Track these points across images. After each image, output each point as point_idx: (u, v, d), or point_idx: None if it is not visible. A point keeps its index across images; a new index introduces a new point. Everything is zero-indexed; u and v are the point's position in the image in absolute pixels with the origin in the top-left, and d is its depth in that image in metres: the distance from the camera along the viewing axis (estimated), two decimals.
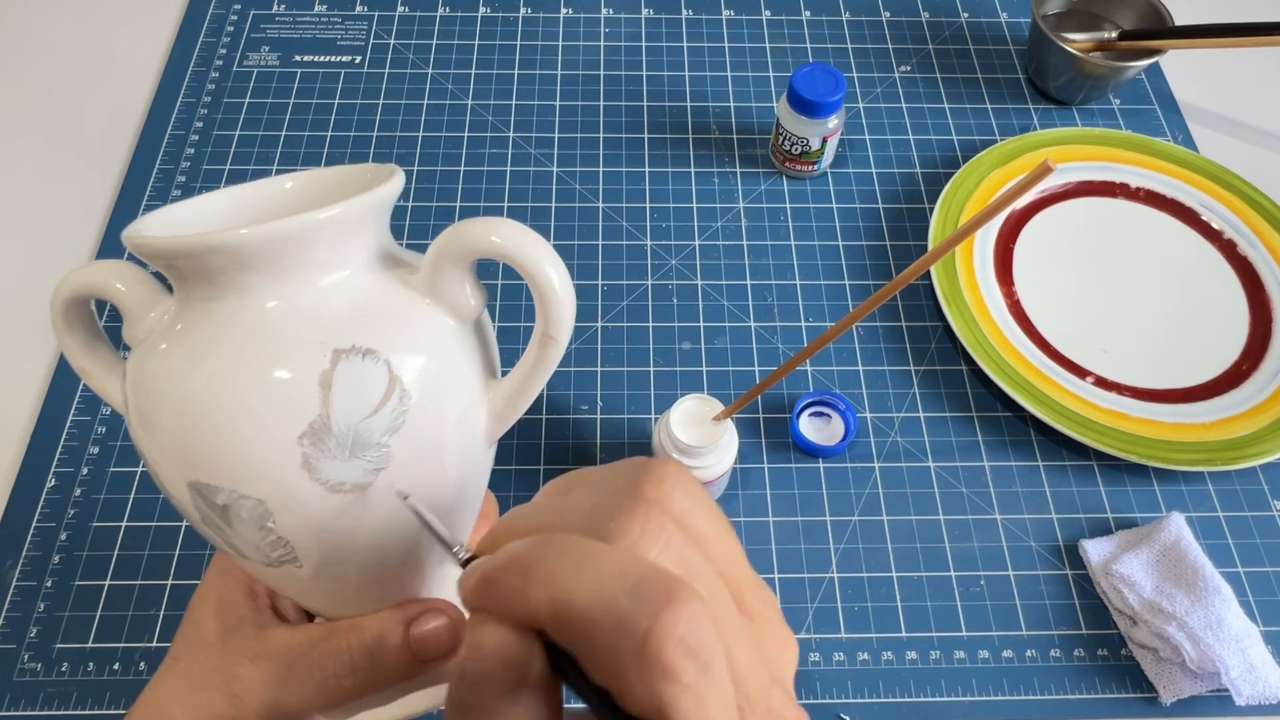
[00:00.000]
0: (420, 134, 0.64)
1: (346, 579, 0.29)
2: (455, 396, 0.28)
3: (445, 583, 0.34)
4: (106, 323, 0.54)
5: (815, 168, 0.61)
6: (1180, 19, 0.64)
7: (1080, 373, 0.53)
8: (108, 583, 0.47)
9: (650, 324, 0.56)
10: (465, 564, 0.22)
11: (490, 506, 0.35)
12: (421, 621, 0.30)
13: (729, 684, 0.19)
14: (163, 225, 0.29)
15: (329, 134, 0.63)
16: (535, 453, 0.51)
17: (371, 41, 0.69)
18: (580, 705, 0.20)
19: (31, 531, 0.48)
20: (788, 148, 0.60)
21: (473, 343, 0.29)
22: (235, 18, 0.70)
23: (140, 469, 0.50)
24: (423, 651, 0.30)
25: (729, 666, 0.19)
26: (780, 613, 0.22)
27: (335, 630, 0.30)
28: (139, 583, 0.47)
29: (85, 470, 0.50)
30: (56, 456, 0.50)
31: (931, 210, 0.59)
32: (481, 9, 0.71)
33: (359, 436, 0.26)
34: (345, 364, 0.26)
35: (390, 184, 0.27)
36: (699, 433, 0.44)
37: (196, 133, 0.63)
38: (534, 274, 0.27)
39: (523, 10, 0.71)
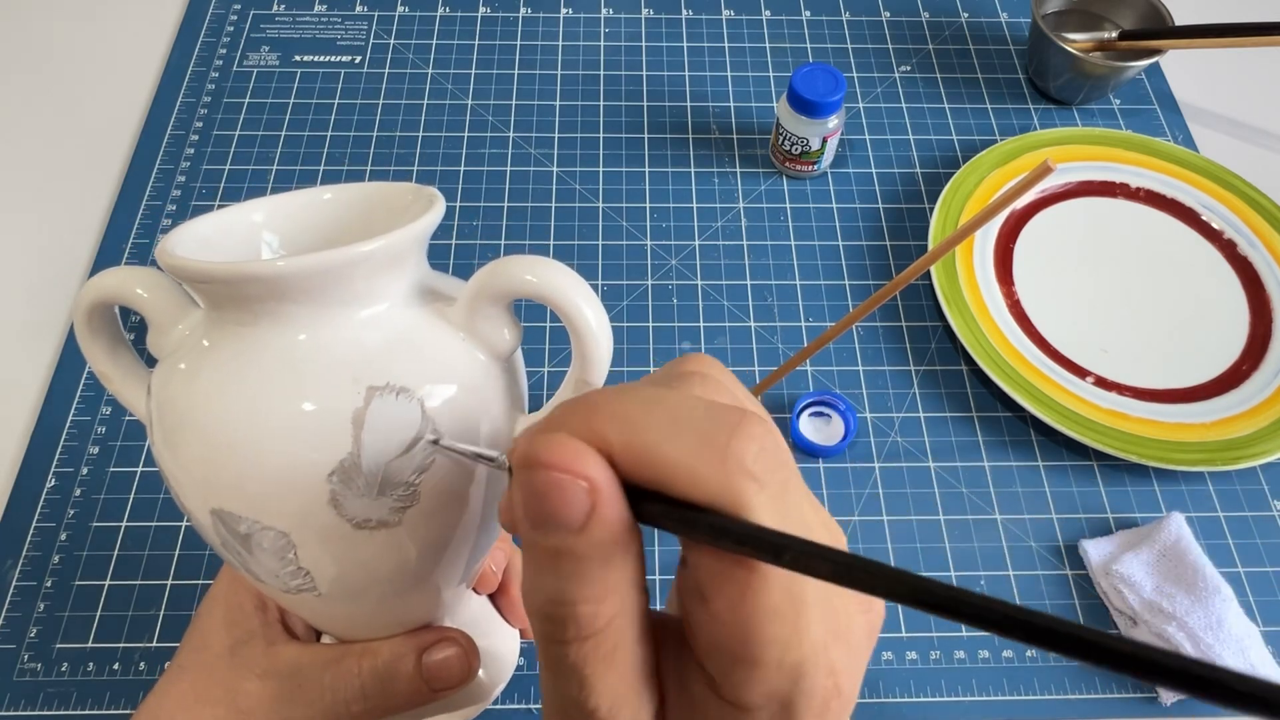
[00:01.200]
0: (420, 134, 0.64)
1: (363, 607, 0.29)
2: (484, 433, 0.27)
3: (459, 612, 0.34)
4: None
5: (815, 168, 0.61)
6: (1180, 19, 0.64)
7: (1080, 373, 0.53)
8: (108, 583, 0.47)
9: (650, 324, 0.56)
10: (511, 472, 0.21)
11: (506, 538, 0.35)
12: (435, 650, 0.30)
13: (805, 519, 0.19)
14: (196, 238, 0.28)
15: (329, 134, 0.63)
16: None
17: (371, 41, 0.69)
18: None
19: (31, 531, 0.48)
20: (788, 148, 0.60)
21: (504, 378, 0.29)
22: (235, 18, 0.70)
23: (140, 469, 0.50)
24: (434, 680, 0.30)
25: (808, 528, 0.19)
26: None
27: (347, 653, 0.30)
28: (139, 583, 0.47)
29: (85, 470, 0.50)
30: (56, 456, 0.50)
31: (931, 210, 0.59)
32: (481, 9, 0.71)
33: (388, 476, 0.25)
34: (379, 402, 0.25)
35: (431, 214, 0.26)
36: None
37: (196, 133, 0.63)
38: (572, 318, 0.27)
39: (523, 10, 0.71)
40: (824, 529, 0.20)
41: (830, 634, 0.19)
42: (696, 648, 0.20)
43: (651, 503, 0.19)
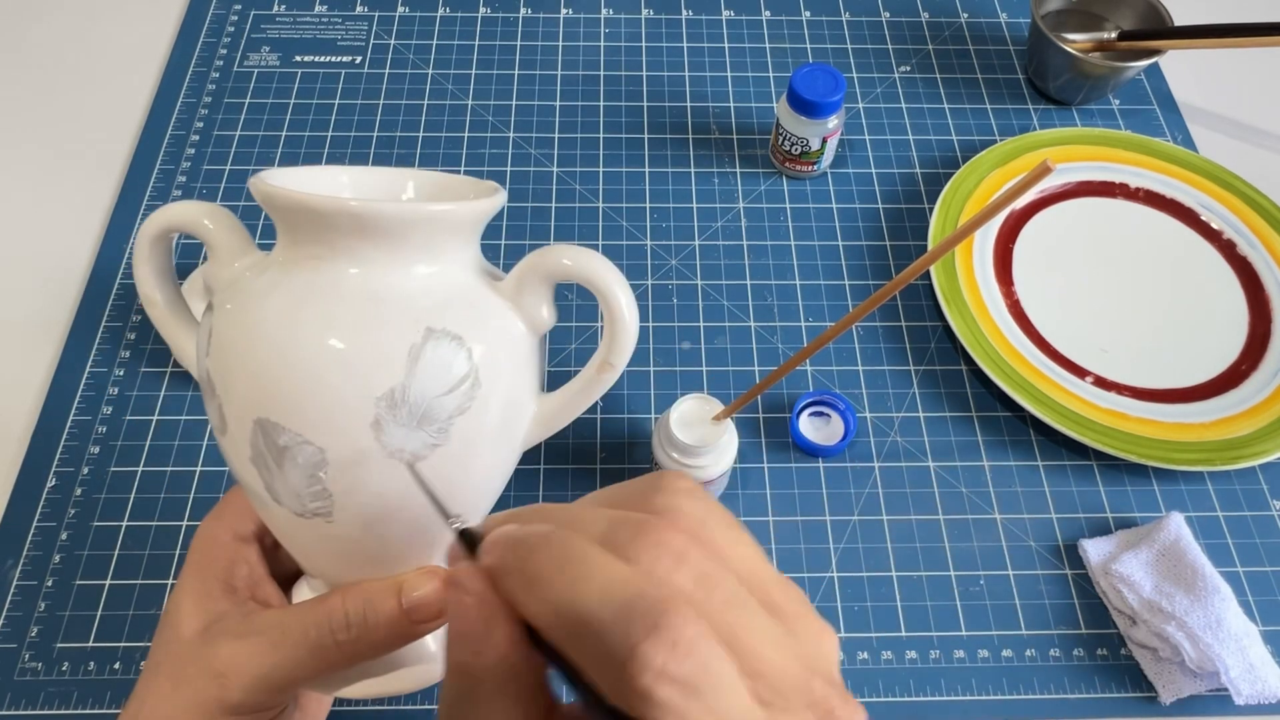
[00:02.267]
0: (420, 134, 0.64)
1: (366, 543, 0.30)
2: (513, 397, 0.31)
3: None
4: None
5: (815, 168, 0.61)
6: (1180, 19, 0.64)
7: (1080, 373, 0.53)
8: (108, 582, 0.47)
9: (650, 324, 0.56)
10: (461, 535, 0.22)
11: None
12: (416, 583, 0.31)
13: (735, 692, 0.19)
14: (284, 182, 0.31)
15: (329, 134, 0.63)
16: (535, 452, 0.51)
17: (371, 41, 0.69)
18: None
19: (32, 531, 0.48)
20: (788, 148, 0.60)
21: (535, 354, 0.32)
22: (235, 18, 0.70)
23: (141, 468, 0.50)
24: (415, 612, 0.31)
25: (758, 666, 0.19)
26: (811, 607, 0.22)
27: (328, 594, 0.31)
28: (139, 582, 0.47)
29: (85, 470, 0.50)
30: (57, 456, 0.50)
31: (931, 210, 0.59)
32: (481, 9, 0.71)
33: (429, 411, 0.28)
34: (434, 341, 0.28)
35: (496, 198, 0.31)
36: (699, 433, 0.44)
37: (196, 133, 0.63)
38: (608, 299, 0.31)
39: (523, 10, 0.71)
40: (777, 648, 0.20)
41: None
42: None
43: (550, 658, 0.20)
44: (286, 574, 0.36)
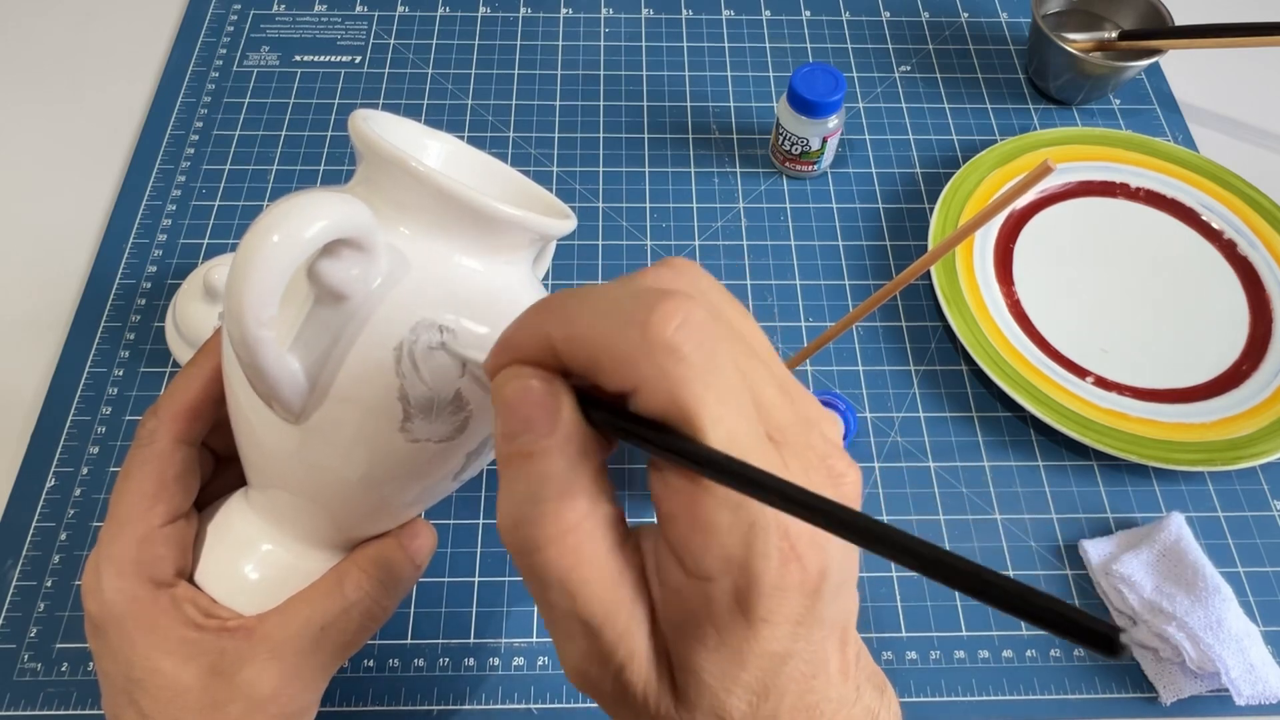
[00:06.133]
0: None
1: (410, 490, 0.31)
2: None
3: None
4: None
5: (815, 168, 0.61)
6: (1180, 19, 0.64)
7: (1080, 373, 0.53)
8: None
9: None
10: None
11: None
12: (413, 536, 0.33)
13: (744, 393, 0.19)
14: (383, 127, 0.31)
15: (329, 134, 0.63)
16: None
17: (371, 41, 0.69)
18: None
19: (31, 531, 0.48)
20: (788, 148, 0.60)
21: None
22: (235, 18, 0.70)
23: None
24: (418, 556, 0.33)
25: (757, 400, 0.20)
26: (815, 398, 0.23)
27: (344, 571, 0.32)
28: None
29: (85, 470, 0.50)
30: (56, 456, 0.50)
31: (931, 210, 0.59)
32: (481, 9, 0.71)
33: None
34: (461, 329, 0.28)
35: (568, 222, 0.31)
36: None
37: (196, 133, 0.63)
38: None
39: (523, 10, 0.71)
40: (781, 400, 0.21)
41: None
42: (662, 526, 0.20)
43: (597, 410, 0.20)
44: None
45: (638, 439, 0.19)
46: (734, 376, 0.19)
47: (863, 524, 0.16)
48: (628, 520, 0.22)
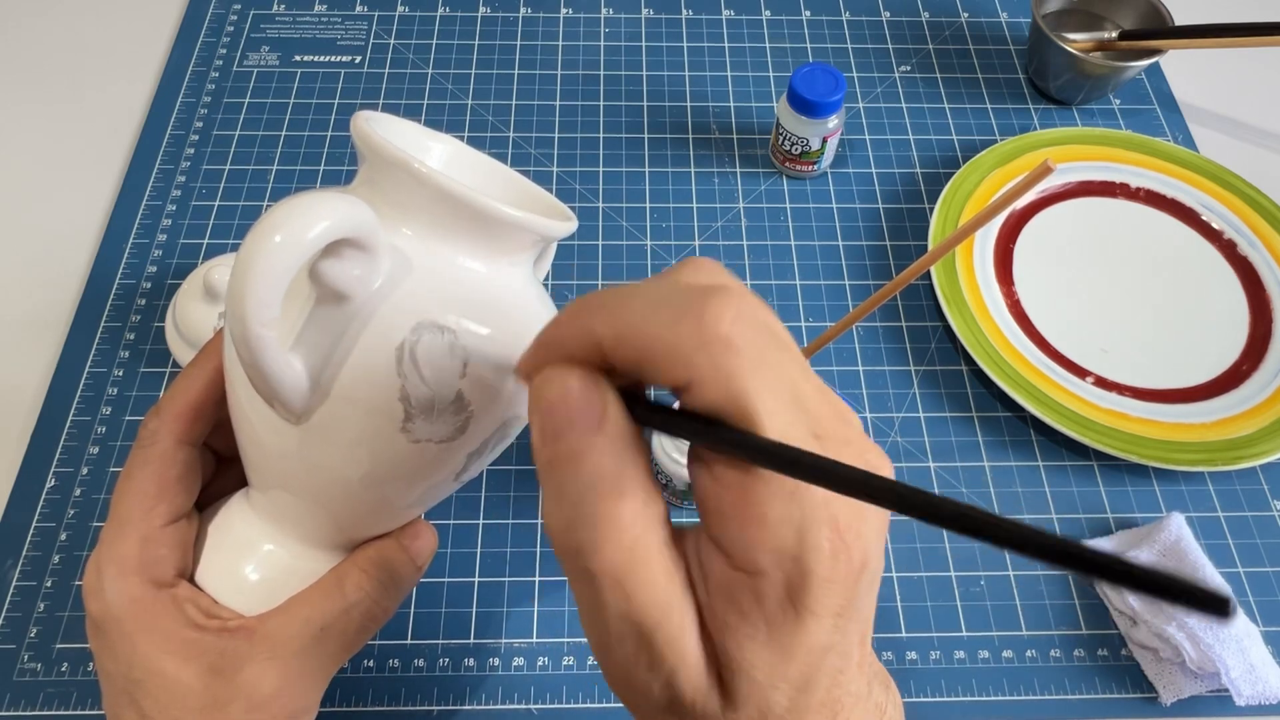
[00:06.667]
0: None
1: (411, 490, 0.31)
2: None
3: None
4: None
5: (815, 168, 0.61)
6: (1180, 19, 0.64)
7: (1080, 373, 0.53)
8: None
9: None
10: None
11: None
12: (413, 537, 0.33)
13: (791, 389, 0.20)
14: (386, 129, 0.31)
15: (329, 134, 0.63)
16: None
17: (371, 41, 0.69)
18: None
19: (31, 531, 0.48)
20: (788, 148, 0.60)
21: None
22: (235, 18, 0.70)
23: None
24: (419, 558, 0.33)
25: (798, 396, 0.20)
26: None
27: (344, 571, 0.32)
28: None
29: (85, 470, 0.50)
30: (56, 456, 0.50)
31: (931, 210, 0.59)
32: (481, 9, 0.71)
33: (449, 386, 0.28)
34: (470, 329, 0.28)
35: (570, 224, 0.31)
36: None
37: (196, 133, 0.63)
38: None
39: (523, 10, 0.71)
40: (819, 396, 0.21)
41: (830, 491, 0.19)
42: (708, 521, 0.20)
43: (645, 408, 0.20)
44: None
45: (689, 433, 0.19)
46: (782, 371, 0.19)
47: (944, 508, 0.17)
48: None
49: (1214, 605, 0.13)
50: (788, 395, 0.19)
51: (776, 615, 0.19)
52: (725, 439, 0.19)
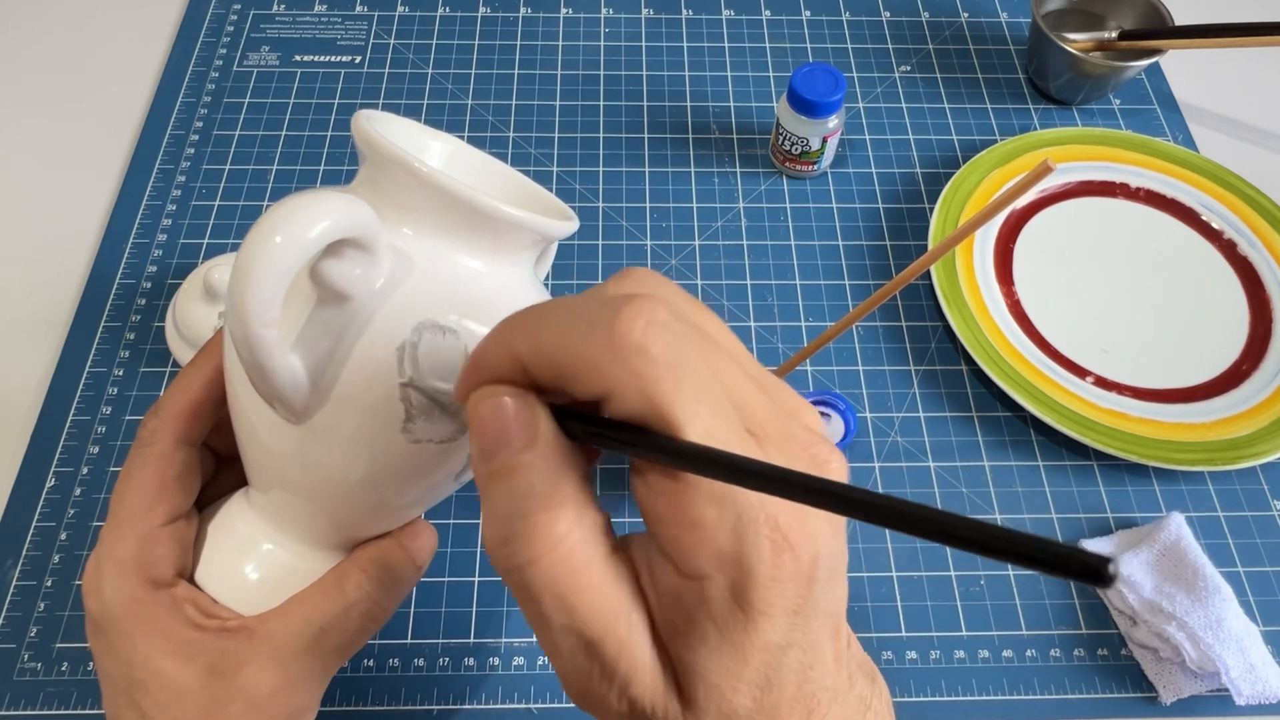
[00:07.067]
0: None
1: (411, 490, 0.31)
2: None
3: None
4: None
5: (815, 168, 0.61)
6: (1180, 19, 0.64)
7: (1080, 373, 0.53)
8: None
9: None
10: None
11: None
12: (412, 537, 0.33)
13: (718, 390, 0.19)
14: (386, 128, 0.31)
15: (329, 134, 0.63)
16: None
17: (371, 41, 0.69)
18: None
19: (31, 531, 0.48)
20: (788, 148, 0.60)
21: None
22: (235, 18, 0.70)
23: None
24: (419, 557, 0.32)
25: (733, 397, 0.20)
26: (794, 392, 0.23)
27: (344, 571, 0.31)
28: None
29: (85, 470, 0.50)
30: (56, 456, 0.50)
31: (931, 210, 0.59)
32: (481, 9, 0.71)
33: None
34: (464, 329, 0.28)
35: (571, 224, 0.31)
36: None
37: (196, 133, 0.63)
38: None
39: (523, 10, 0.71)
40: (757, 392, 0.21)
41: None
42: (651, 530, 0.20)
43: (573, 421, 0.20)
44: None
45: (616, 443, 0.19)
46: (706, 373, 0.19)
47: (851, 494, 0.16)
48: (626, 523, 0.22)
49: (1089, 573, 0.13)
50: (713, 395, 0.19)
51: (725, 618, 0.19)
52: (648, 445, 0.19)
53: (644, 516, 0.20)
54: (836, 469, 0.21)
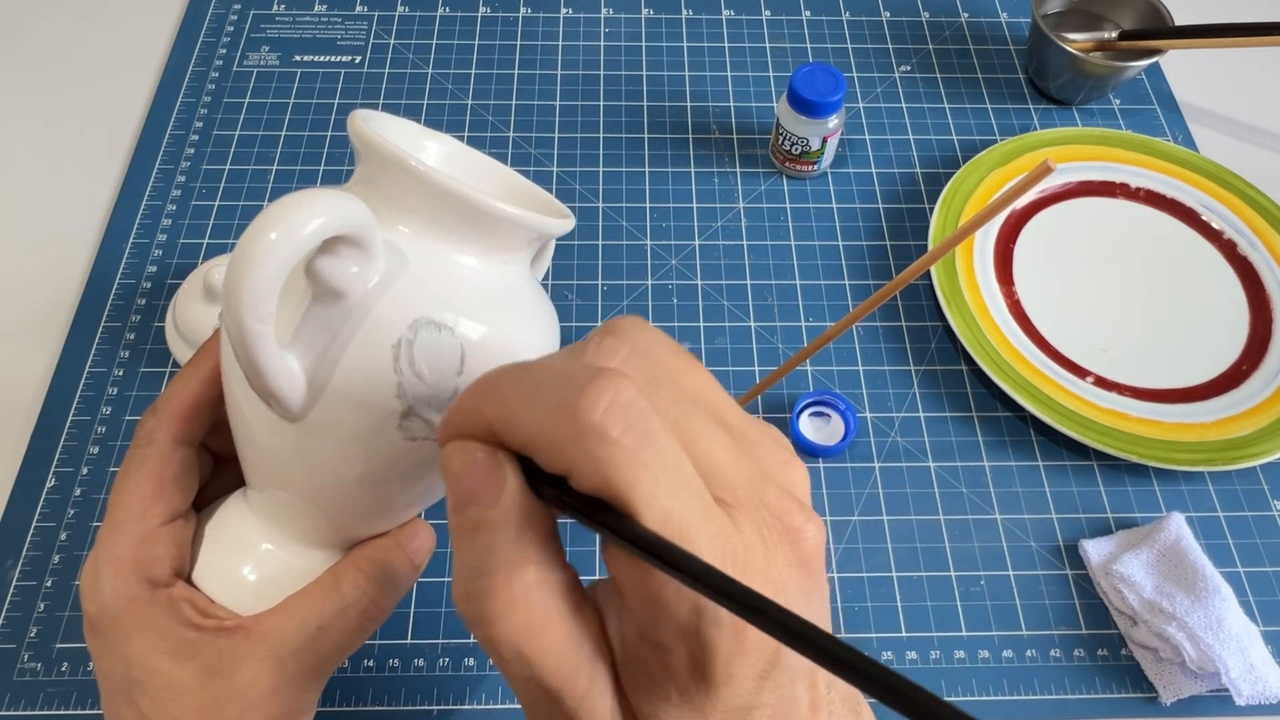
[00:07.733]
0: None
1: (408, 489, 0.31)
2: None
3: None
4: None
5: (815, 168, 0.61)
6: (1180, 19, 0.64)
7: (1080, 373, 0.53)
8: None
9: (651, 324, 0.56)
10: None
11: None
12: (411, 537, 0.33)
13: (683, 461, 0.19)
14: (382, 127, 0.31)
15: (329, 134, 0.63)
16: None
17: (371, 41, 0.69)
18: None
19: (31, 531, 0.48)
20: (788, 148, 0.60)
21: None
22: (235, 18, 0.70)
23: None
24: (417, 557, 0.32)
25: (707, 463, 0.20)
26: (783, 440, 0.22)
27: (341, 571, 0.31)
28: None
29: (85, 470, 0.50)
30: (56, 456, 0.50)
31: (931, 210, 0.59)
32: (481, 9, 0.71)
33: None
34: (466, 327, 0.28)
35: (567, 221, 0.31)
36: None
37: (196, 133, 0.63)
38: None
39: (523, 10, 0.71)
40: (732, 456, 0.20)
41: (726, 562, 0.19)
42: (617, 589, 0.20)
43: (544, 484, 0.20)
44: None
45: (578, 515, 0.19)
46: (670, 450, 0.19)
47: (785, 621, 0.16)
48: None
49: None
50: (674, 475, 0.19)
51: (688, 685, 0.19)
52: (607, 525, 0.19)
53: (617, 587, 0.20)
54: (811, 536, 0.21)
